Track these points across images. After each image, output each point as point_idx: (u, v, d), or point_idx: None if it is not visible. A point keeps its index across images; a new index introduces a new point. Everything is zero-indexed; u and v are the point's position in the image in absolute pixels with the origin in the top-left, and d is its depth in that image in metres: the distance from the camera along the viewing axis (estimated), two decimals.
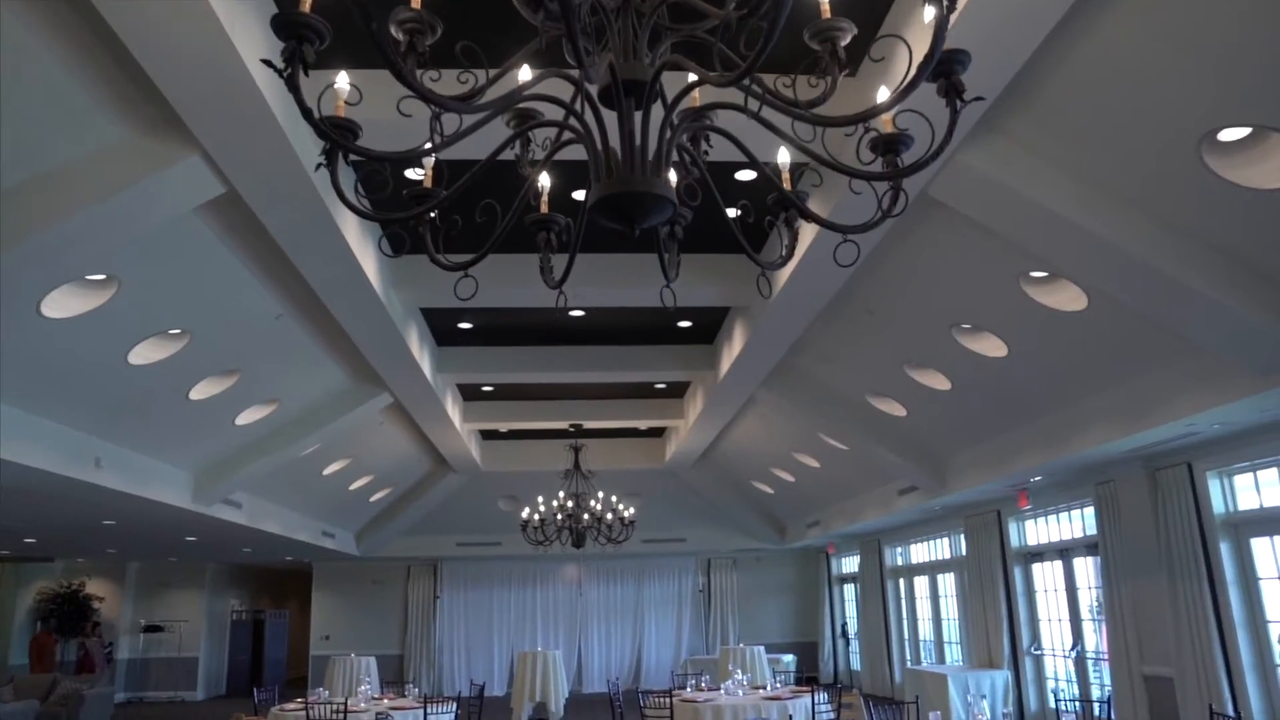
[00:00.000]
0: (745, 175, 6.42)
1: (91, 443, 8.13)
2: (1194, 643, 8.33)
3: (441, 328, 10.01)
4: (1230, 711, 7.99)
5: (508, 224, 2.34)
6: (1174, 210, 5.35)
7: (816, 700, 9.02)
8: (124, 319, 6.65)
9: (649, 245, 7.69)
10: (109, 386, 7.41)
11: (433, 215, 2.25)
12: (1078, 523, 10.89)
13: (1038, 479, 10.11)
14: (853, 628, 18.37)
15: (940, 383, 9.00)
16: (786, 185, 2.37)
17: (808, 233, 6.66)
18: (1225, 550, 8.29)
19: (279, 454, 10.47)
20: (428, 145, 2.04)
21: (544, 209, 2.45)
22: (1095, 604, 10.66)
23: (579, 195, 5.97)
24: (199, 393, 8.32)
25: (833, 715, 9.10)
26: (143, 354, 7.24)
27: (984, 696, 10.99)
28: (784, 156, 2.47)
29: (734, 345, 9.60)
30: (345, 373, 9.86)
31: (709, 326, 10.32)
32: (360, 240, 6.74)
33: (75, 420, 7.74)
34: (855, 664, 18.08)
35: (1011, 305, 7.10)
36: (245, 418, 9.51)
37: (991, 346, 7.89)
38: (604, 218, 2.03)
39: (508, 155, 2.30)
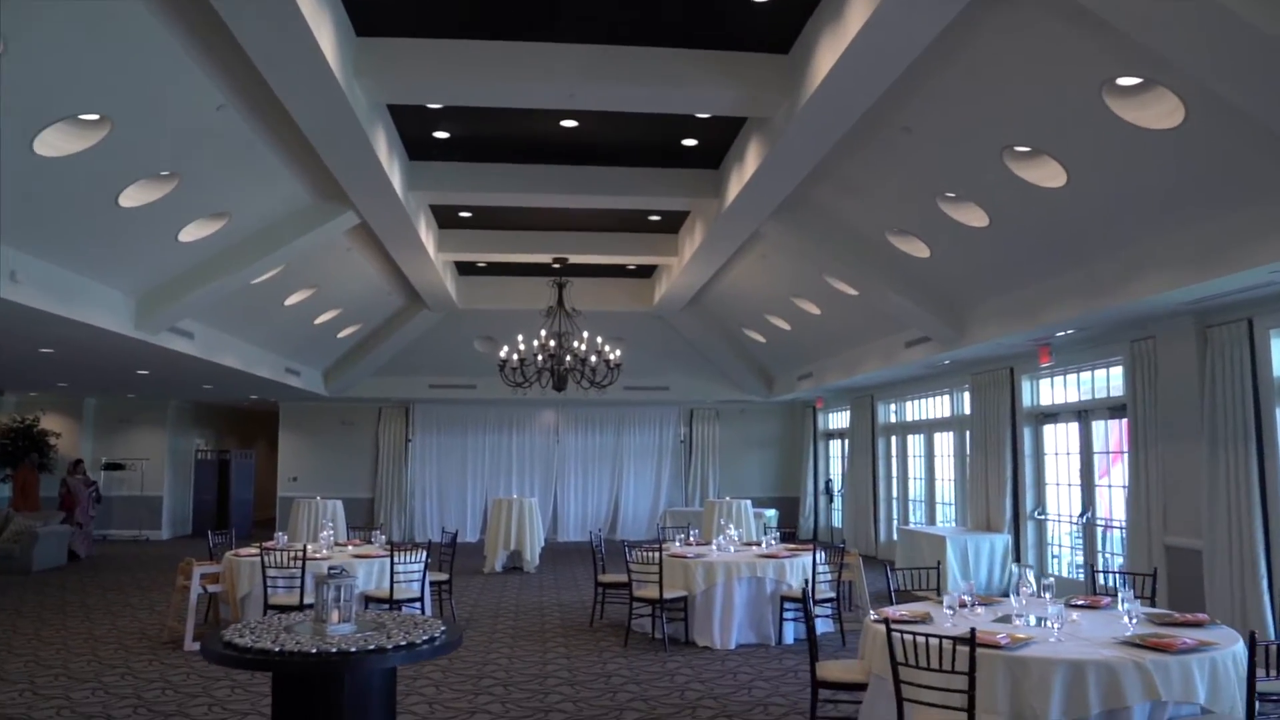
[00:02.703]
0: None
1: (3, 253, 6.99)
2: (1231, 514, 7.66)
3: (414, 136, 8.77)
4: (1265, 587, 7.41)
5: None
6: None
7: (816, 560, 8.37)
8: (23, 98, 5.42)
9: (662, 36, 6.45)
10: (13, 183, 6.21)
11: None
12: (1101, 383, 10.11)
13: (1066, 333, 9.24)
14: (837, 485, 17.95)
15: (977, 218, 7.98)
16: None
17: (858, 10, 5.49)
18: None
19: (232, 278, 9.37)
20: None
21: None
22: (1111, 469, 10.01)
23: None
24: (130, 199, 7.13)
25: (833, 575, 8.47)
26: (51, 144, 6.03)
27: (1030, 567, 10.47)
28: None
29: (745, 167, 8.47)
30: (304, 186, 8.67)
31: (716, 148, 9.15)
32: (314, 5, 5.48)
33: None
34: (837, 521, 17.75)
35: (1085, 123, 6.01)
36: (190, 234, 8.36)
37: (1048, 174, 6.83)
38: None
39: None
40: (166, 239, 8.19)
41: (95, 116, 5.96)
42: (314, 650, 4.16)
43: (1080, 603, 5.55)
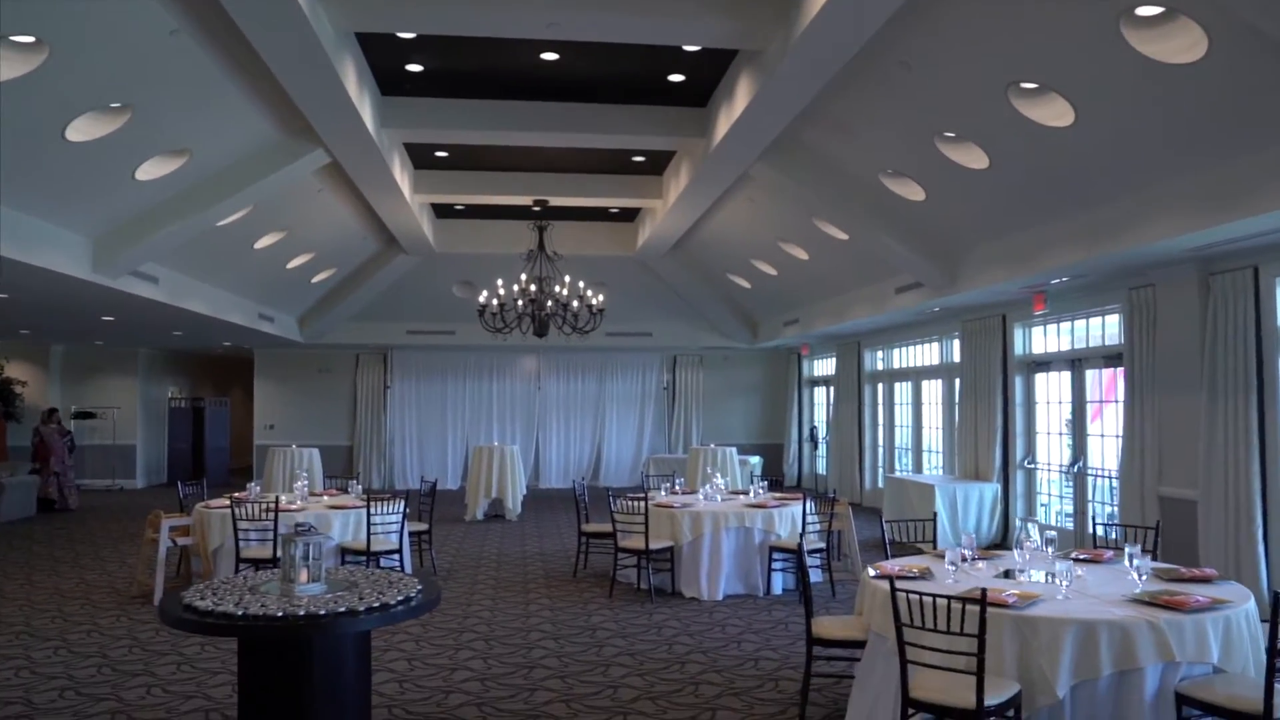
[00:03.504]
0: None
1: None
2: (1228, 465, 7.48)
3: (386, 69, 8.32)
4: (1260, 538, 7.27)
5: None
6: None
7: (806, 509, 8.16)
8: None
9: None
10: None
11: None
12: (1096, 331, 9.89)
13: (1061, 280, 8.98)
14: (822, 432, 17.81)
15: (976, 160, 7.65)
16: None
17: None
18: None
19: (195, 219, 8.94)
20: None
21: None
22: (1103, 417, 9.85)
23: None
24: (79, 132, 6.69)
25: (820, 526, 8.27)
26: None
27: (1035, 521, 10.30)
28: None
29: (735, 105, 8.08)
30: (270, 122, 8.21)
31: (704, 84, 8.75)
32: None
33: None
34: (821, 468, 17.63)
35: (1098, 57, 5.67)
36: (148, 172, 7.92)
37: (1055, 113, 6.50)
38: None
39: None
40: (122, 177, 7.75)
41: (29, 39, 5.49)
42: (280, 614, 3.90)
43: (1083, 556, 5.36)
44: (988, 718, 3.77)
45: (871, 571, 4.94)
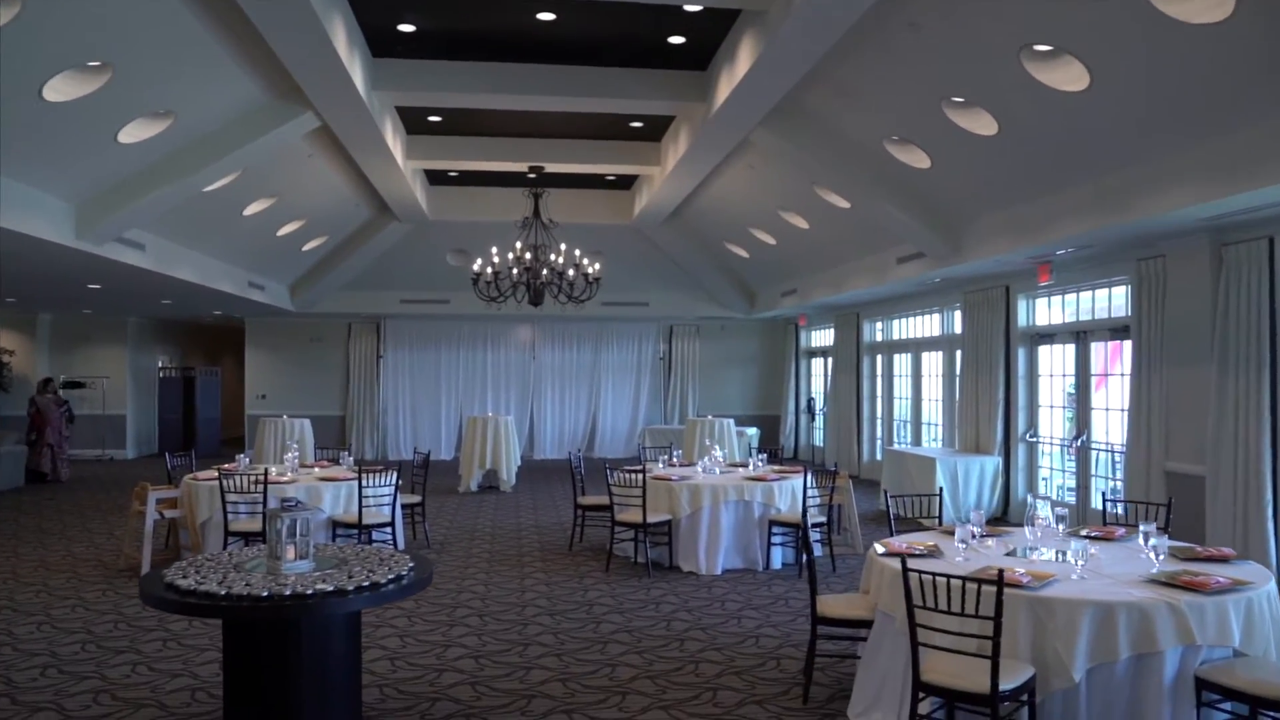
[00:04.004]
0: None
1: None
2: (1238, 440, 7.33)
3: (377, 29, 8.04)
4: (1270, 515, 7.14)
5: None
6: None
7: (806, 483, 8.01)
8: None
9: None
10: None
11: None
12: (1102, 303, 9.71)
13: (1067, 251, 8.78)
14: (819, 404, 17.67)
15: (985, 126, 7.44)
16: None
17: None
18: None
19: (182, 184, 8.69)
20: None
21: None
22: (1108, 391, 9.70)
23: None
24: (56, 91, 6.43)
25: (820, 499, 8.13)
26: None
27: (1046, 498, 10.17)
28: None
29: (736, 67, 7.84)
30: (257, 83, 7.95)
31: (705, 46, 8.49)
32: None
33: None
34: (818, 440, 17.50)
35: (1117, 17, 5.44)
36: (131, 134, 7.67)
37: (1069, 77, 6.28)
38: None
39: None
40: (104, 139, 7.50)
41: None
42: (265, 593, 3.74)
43: (1094, 534, 5.22)
44: (1001, 702, 3.64)
45: (879, 549, 4.79)
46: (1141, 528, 4.67)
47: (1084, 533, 5.25)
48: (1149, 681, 3.80)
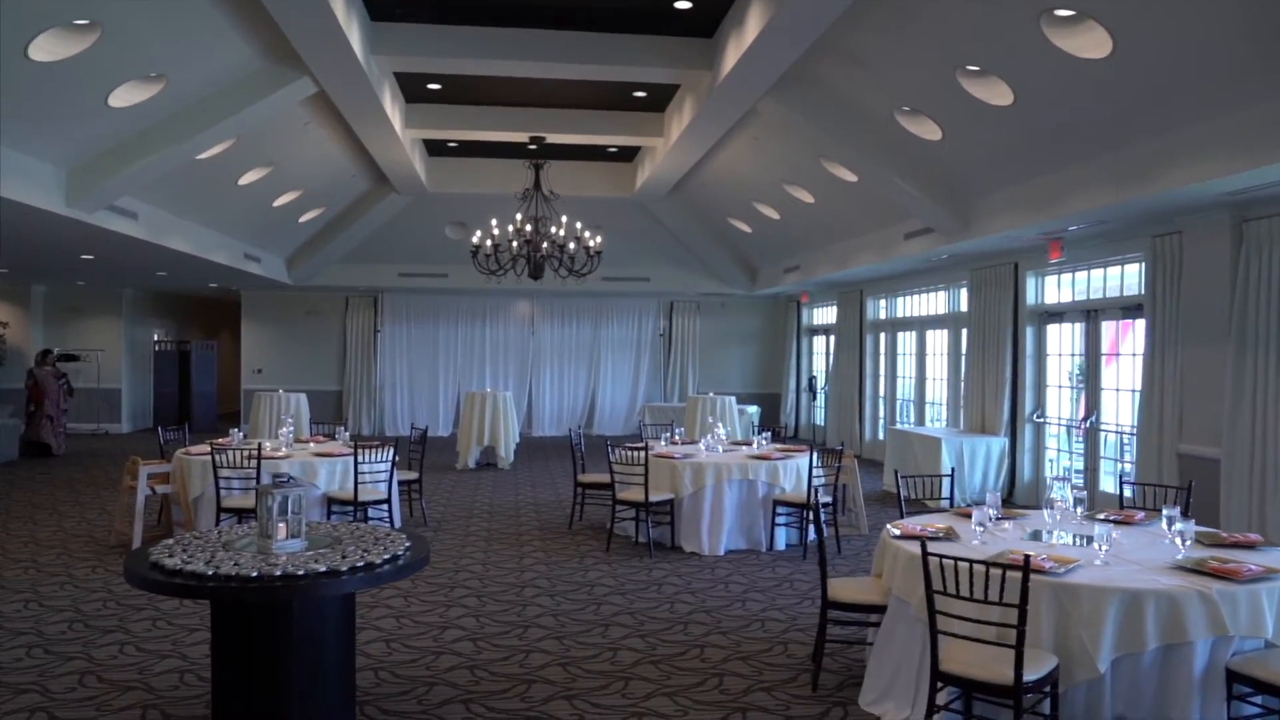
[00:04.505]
0: None
1: None
2: (1256, 421, 7.16)
3: None
4: None
5: None
6: None
7: (813, 463, 7.84)
8: None
9: None
10: None
11: None
12: (1114, 280, 9.52)
13: (1081, 227, 8.58)
14: (820, 382, 17.49)
15: (1000, 95, 7.21)
16: None
17: None
18: None
19: (174, 151, 8.46)
20: None
21: None
22: (1118, 371, 9.52)
23: None
24: (42, 51, 6.20)
25: (825, 479, 7.96)
26: None
27: (1066, 480, 9.93)
28: None
29: (745, 33, 7.60)
30: (252, 46, 7.71)
31: (712, 12, 8.24)
32: None
33: None
34: (819, 419, 17.34)
35: None
36: (122, 98, 7.43)
37: (1090, 43, 6.05)
38: None
39: None
40: (94, 102, 7.26)
41: None
42: (254, 574, 3.57)
43: (1114, 517, 5.06)
44: (1025, 694, 3.48)
45: (893, 531, 4.62)
46: (1165, 512, 4.49)
47: (1102, 516, 5.09)
48: (1178, 673, 3.64)
